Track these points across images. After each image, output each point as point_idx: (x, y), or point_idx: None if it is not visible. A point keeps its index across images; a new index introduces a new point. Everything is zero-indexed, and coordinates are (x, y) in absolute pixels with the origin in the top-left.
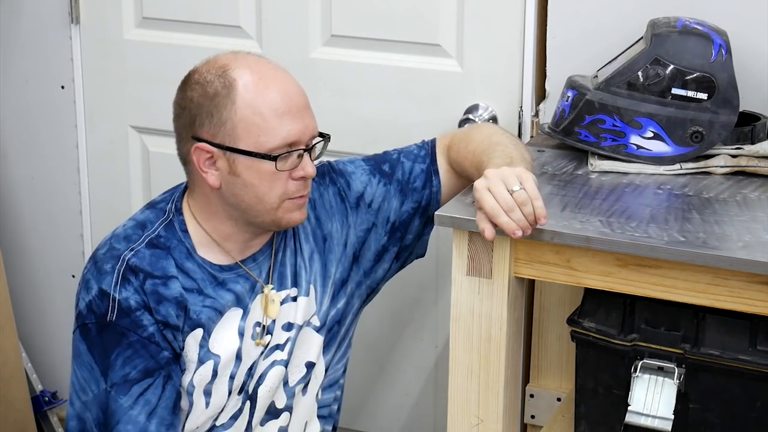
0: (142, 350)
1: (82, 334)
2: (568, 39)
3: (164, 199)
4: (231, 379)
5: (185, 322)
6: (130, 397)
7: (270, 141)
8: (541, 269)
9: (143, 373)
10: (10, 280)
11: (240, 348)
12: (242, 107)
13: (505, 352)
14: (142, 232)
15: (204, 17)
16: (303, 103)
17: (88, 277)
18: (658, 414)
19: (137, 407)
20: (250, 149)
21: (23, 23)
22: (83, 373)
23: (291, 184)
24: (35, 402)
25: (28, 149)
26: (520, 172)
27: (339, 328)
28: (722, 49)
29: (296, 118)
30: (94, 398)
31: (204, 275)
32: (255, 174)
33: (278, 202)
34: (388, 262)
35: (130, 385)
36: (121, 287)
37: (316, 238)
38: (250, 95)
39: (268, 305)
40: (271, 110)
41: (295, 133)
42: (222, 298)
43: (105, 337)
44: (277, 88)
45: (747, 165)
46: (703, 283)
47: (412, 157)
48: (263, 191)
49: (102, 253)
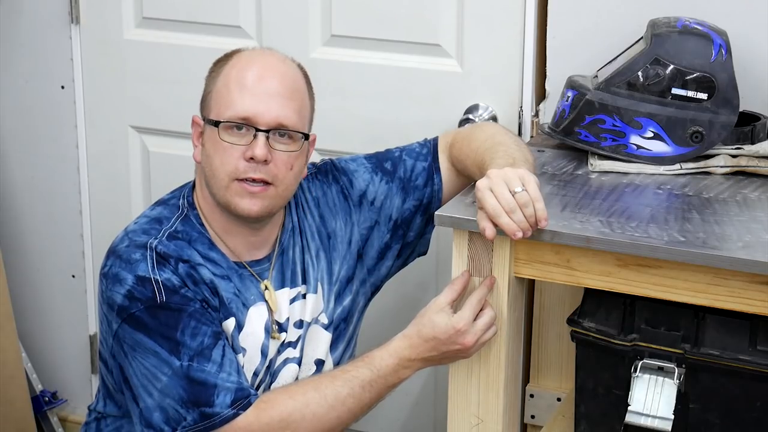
0: (203, 317)
1: (133, 325)
2: (568, 39)
3: (174, 196)
4: (255, 375)
5: (221, 307)
6: (214, 363)
7: (226, 112)
8: (541, 269)
9: (214, 338)
10: (10, 280)
11: (264, 344)
12: (221, 80)
13: (505, 352)
14: (160, 226)
15: (204, 17)
16: (279, 90)
17: (116, 270)
18: (658, 414)
19: (225, 368)
20: (212, 118)
21: (23, 23)
22: (149, 361)
23: (241, 163)
24: (35, 402)
25: (28, 149)
26: (523, 174)
27: (346, 326)
28: (722, 49)
29: (260, 97)
30: (170, 380)
31: (229, 264)
32: (212, 145)
33: (227, 179)
34: (390, 260)
35: (209, 351)
36: (159, 270)
37: (321, 236)
38: (231, 70)
39: (270, 302)
40: (237, 83)
41: (250, 110)
42: (248, 290)
43: (162, 319)
44: (256, 69)
45: (747, 165)
46: (703, 283)
47: (414, 154)
48: (216, 164)
49: (124, 247)
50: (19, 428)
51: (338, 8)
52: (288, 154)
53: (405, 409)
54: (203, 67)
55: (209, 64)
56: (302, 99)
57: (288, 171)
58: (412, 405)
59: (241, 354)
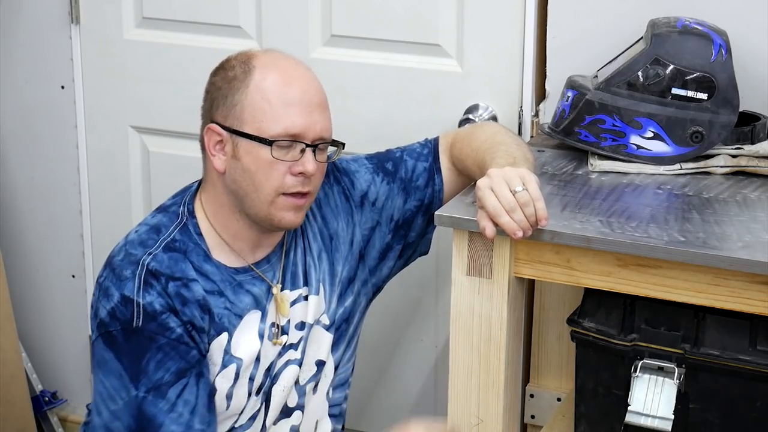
0: (172, 352)
1: (107, 343)
2: (568, 39)
3: (175, 203)
4: (251, 380)
5: (210, 324)
6: (168, 401)
7: (272, 128)
8: (541, 269)
9: (177, 375)
10: (10, 280)
11: (260, 350)
12: (253, 92)
13: (505, 352)
14: (158, 236)
15: (204, 17)
16: (316, 101)
17: (107, 284)
18: (658, 414)
19: (177, 409)
20: (252, 133)
21: (23, 23)
22: (111, 382)
23: (289, 178)
24: (35, 402)
25: (28, 149)
26: (524, 173)
27: (347, 327)
28: (722, 49)
29: (304, 111)
30: (125, 406)
31: (223, 276)
32: (254, 160)
33: (273, 194)
34: (392, 260)
35: (166, 389)
36: (144, 292)
37: (323, 237)
38: (264, 82)
39: (279, 305)
40: (279, 98)
41: (299, 126)
42: (241, 301)
43: (133, 344)
44: (292, 80)
45: (747, 165)
46: (703, 283)
47: (415, 155)
48: (260, 179)
49: (119, 260)
50: (19, 428)
51: (338, 8)
52: (325, 164)
53: (405, 409)
54: (203, 67)
55: (209, 64)
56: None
57: (322, 178)
58: (412, 405)
59: (234, 364)
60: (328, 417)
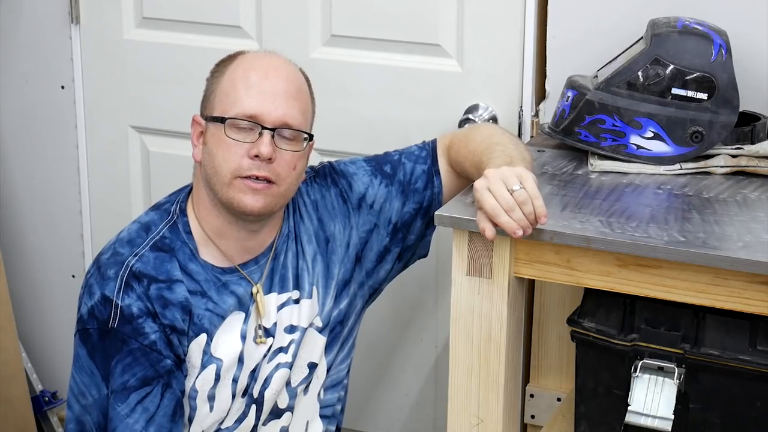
0: (142, 358)
1: (82, 339)
2: (568, 39)
3: (169, 201)
4: (234, 382)
5: (190, 326)
6: (128, 405)
7: (231, 109)
8: (541, 269)
9: (141, 381)
10: (10, 280)
11: (242, 351)
12: (225, 80)
13: (505, 352)
14: (146, 234)
15: (204, 17)
16: (284, 89)
17: (92, 282)
18: (658, 414)
19: (134, 415)
20: (215, 115)
21: (23, 23)
22: (83, 378)
23: (245, 161)
24: (35, 402)
25: (28, 149)
26: (520, 172)
27: (341, 329)
28: (722, 49)
29: (265, 96)
30: (95, 402)
31: (207, 276)
32: (216, 142)
33: (229, 176)
34: (390, 263)
35: (128, 393)
36: (124, 294)
37: (318, 240)
38: (236, 71)
39: (258, 305)
40: (243, 82)
41: (256, 107)
42: (224, 302)
43: (106, 344)
44: (263, 69)
45: (747, 165)
46: (703, 283)
47: (413, 158)
48: (219, 161)
49: (106, 258)
50: (19, 428)
51: (338, 8)
52: (291, 154)
53: (405, 409)
54: (203, 67)
55: (209, 64)
56: (306, 100)
57: (291, 171)
58: (412, 405)
59: (213, 365)
60: (319, 418)
